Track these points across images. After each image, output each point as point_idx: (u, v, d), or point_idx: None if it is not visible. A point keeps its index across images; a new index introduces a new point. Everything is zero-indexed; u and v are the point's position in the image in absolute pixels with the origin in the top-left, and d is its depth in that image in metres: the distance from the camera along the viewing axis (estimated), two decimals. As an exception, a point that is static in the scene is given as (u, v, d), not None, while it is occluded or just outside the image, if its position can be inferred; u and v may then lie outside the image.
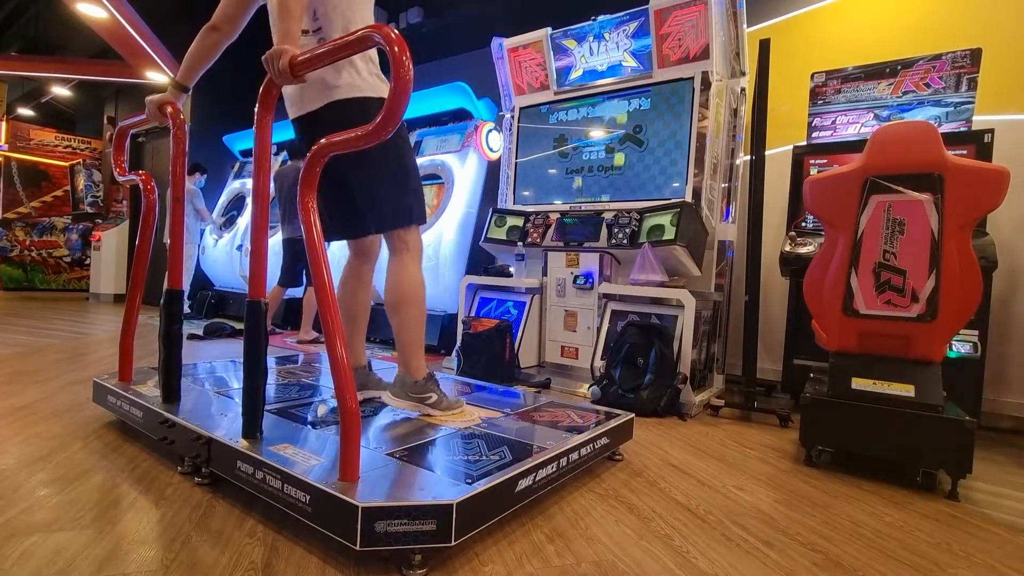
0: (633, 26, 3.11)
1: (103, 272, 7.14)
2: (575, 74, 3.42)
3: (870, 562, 1.22)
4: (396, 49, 1.13)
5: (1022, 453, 2.15)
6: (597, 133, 3.32)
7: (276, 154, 5.51)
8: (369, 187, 1.69)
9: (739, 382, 2.81)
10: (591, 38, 3.29)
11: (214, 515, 1.31)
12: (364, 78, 1.64)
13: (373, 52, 1.67)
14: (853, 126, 2.68)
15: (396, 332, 1.72)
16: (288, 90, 1.70)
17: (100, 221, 7.81)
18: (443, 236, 4.02)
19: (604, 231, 2.99)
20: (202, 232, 5.97)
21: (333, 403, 1.83)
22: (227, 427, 1.51)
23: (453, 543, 1.08)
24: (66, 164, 9.01)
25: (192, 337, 4.25)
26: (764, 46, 2.50)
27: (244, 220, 5.89)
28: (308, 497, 1.16)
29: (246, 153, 6.55)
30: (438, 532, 1.07)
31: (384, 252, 1.82)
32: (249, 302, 1.44)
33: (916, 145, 1.69)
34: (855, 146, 2.47)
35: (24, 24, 8.24)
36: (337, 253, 3.63)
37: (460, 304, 3.47)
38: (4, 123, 8.91)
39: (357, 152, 1.66)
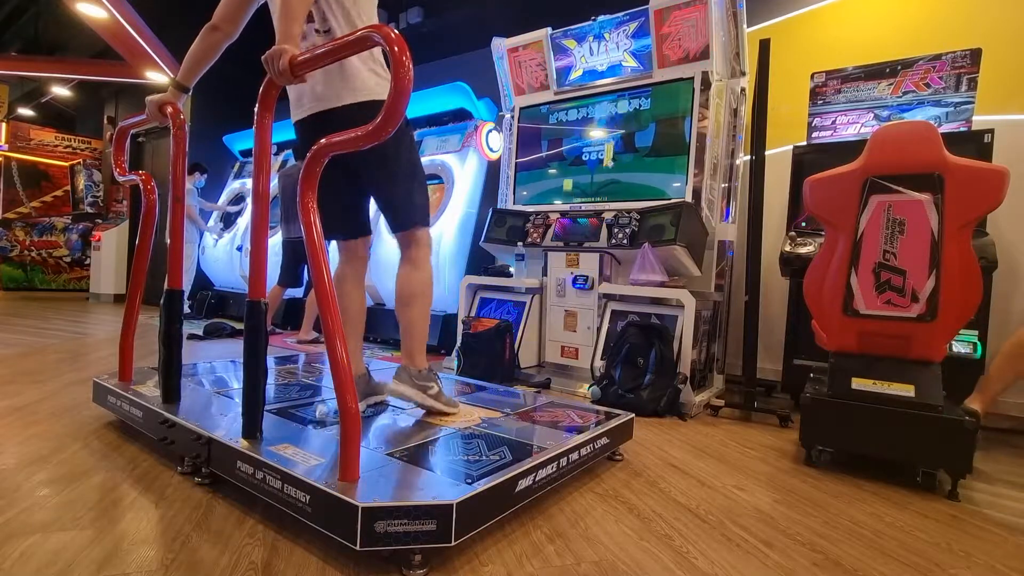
0: (633, 26, 3.11)
1: (103, 272, 7.15)
2: (575, 74, 3.42)
3: (870, 562, 1.22)
4: (396, 49, 1.13)
5: (1022, 453, 2.15)
6: (597, 133, 3.32)
7: (276, 154, 5.52)
8: (391, 188, 1.74)
9: (739, 382, 2.80)
10: (591, 38, 3.29)
11: (214, 515, 1.31)
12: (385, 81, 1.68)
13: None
14: (853, 126, 2.68)
15: (405, 326, 1.78)
16: (299, 89, 1.67)
17: (100, 221, 7.81)
18: (443, 236, 4.02)
19: (604, 231, 2.99)
20: (202, 232, 5.97)
21: (333, 403, 1.83)
22: (227, 427, 1.50)
23: (453, 543, 1.08)
24: (66, 164, 9.00)
25: (192, 337, 4.25)
26: (764, 46, 2.50)
27: (244, 220, 5.89)
28: (308, 497, 1.16)
29: (246, 153, 6.55)
30: (438, 532, 1.07)
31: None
32: (249, 302, 1.44)
33: (916, 145, 1.69)
34: (855, 146, 2.47)
35: (24, 24, 8.23)
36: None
37: (460, 304, 3.47)
38: (4, 124, 8.90)
39: (380, 154, 1.64)
